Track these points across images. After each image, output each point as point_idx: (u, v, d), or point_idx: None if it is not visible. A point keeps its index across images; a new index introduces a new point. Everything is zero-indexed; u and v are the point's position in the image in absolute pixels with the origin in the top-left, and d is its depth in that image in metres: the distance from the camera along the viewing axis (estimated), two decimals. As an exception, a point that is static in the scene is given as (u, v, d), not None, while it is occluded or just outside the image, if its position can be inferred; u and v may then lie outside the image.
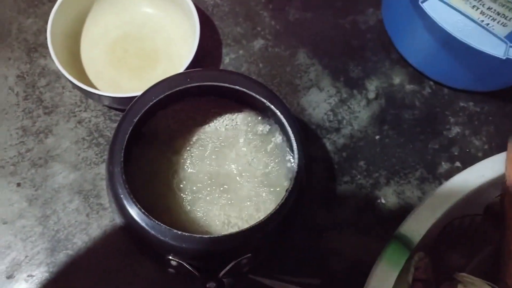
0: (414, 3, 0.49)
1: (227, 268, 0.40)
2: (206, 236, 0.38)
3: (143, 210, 0.38)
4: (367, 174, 0.53)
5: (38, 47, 0.57)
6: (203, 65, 0.57)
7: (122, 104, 0.53)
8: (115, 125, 0.54)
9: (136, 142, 0.44)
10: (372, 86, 0.57)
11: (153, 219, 0.37)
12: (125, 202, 0.39)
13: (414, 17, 0.52)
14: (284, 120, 0.42)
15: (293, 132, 0.41)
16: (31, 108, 0.54)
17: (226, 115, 0.47)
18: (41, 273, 0.48)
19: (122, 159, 0.39)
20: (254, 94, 0.42)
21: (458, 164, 0.54)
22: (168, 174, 0.45)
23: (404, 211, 0.52)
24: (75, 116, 0.54)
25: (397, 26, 0.57)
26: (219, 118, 0.47)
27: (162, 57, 0.57)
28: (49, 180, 0.51)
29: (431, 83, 0.58)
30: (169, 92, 0.42)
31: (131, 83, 0.55)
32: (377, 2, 0.61)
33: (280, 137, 0.46)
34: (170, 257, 0.39)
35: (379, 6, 0.61)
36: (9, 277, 0.48)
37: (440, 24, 0.46)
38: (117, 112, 0.55)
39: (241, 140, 0.46)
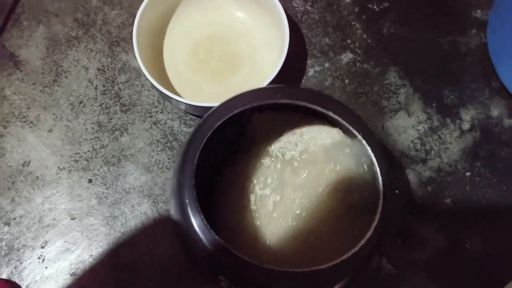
0: None
1: None
2: (271, 268, 0.35)
3: (205, 223, 0.36)
4: (452, 213, 0.49)
5: (120, 41, 0.55)
6: (287, 75, 0.54)
7: (198, 111, 0.51)
8: (189, 129, 0.52)
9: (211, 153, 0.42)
10: (468, 116, 0.52)
11: (215, 235, 0.35)
12: (189, 211, 0.37)
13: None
14: (368, 149, 0.39)
15: (377, 160, 0.38)
16: (109, 104, 0.53)
17: (307, 133, 0.44)
18: (103, 274, 0.48)
19: (194, 167, 0.37)
20: (339, 119, 0.40)
21: (556, 214, 0.49)
22: (241, 191, 0.43)
23: (491, 260, 0.47)
24: (151, 116, 0.53)
25: (503, 52, 0.52)
26: (302, 137, 0.45)
27: (245, 63, 0.54)
28: (120, 179, 0.51)
29: (535, 119, 0.52)
30: (254, 105, 0.40)
31: (211, 87, 0.53)
32: (483, 22, 0.56)
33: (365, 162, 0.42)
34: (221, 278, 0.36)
35: (485, 27, 0.55)
36: (72, 274, 0.48)
37: None
38: (193, 117, 0.53)
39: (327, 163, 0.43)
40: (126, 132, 0.52)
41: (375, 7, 0.57)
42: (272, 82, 0.48)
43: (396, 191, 0.39)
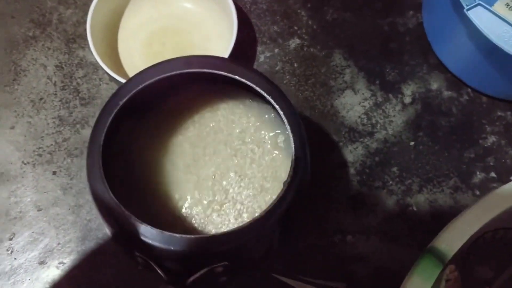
0: (458, 10, 0.48)
1: (197, 275, 0.36)
2: (177, 235, 0.34)
3: (109, 191, 0.36)
4: (399, 180, 0.53)
5: (76, 38, 0.57)
6: (240, 62, 0.57)
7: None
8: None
9: (126, 118, 0.43)
10: (409, 91, 0.56)
11: (121, 206, 0.35)
12: (97, 179, 0.37)
13: (457, 24, 0.51)
14: (280, 112, 0.39)
15: (289, 123, 0.38)
16: (68, 98, 0.55)
17: (228, 103, 0.46)
18: (72, 261, 0.50)
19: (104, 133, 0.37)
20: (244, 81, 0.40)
21: (493, 174, 0.53)
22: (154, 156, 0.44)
23: (435, 220, 0.51)
24: (111, 108, 0.55)
25: (438, 31, 0.56)
26: (222, 107, 0.46)
27: (198, 52, 0.57)
28: (84, 170, 0.52)
29: (469, 90, 0.56)
30: (163, 76, 0.39)
31: (167, 77, 0.56)
32: (418, 4, 0.60)
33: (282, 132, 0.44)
34: (137, 254, 0.36)
35: (420, 9, 0.59)
36: (41, 263, 0.50)
37: (485, 34, 0.44)
38: (152, 106, 0.55)
39: (239, 130, 0.45)
40: (87, 124, 0.54)
41: (318, -5, 0.60)
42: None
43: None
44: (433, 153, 0.54)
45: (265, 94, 0.39)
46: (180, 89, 0.46)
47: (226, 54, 0.51)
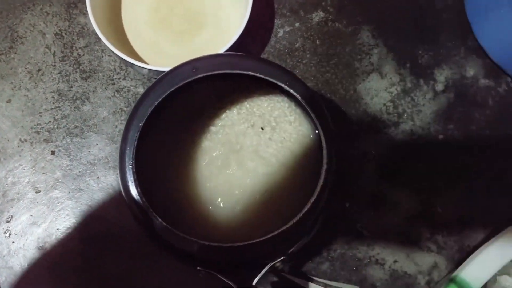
0: None
1: (260, 274, 0.37)
2: (235, 245, 0.35)
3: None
4: (425, 177, 0.48)
5: (78, 3, 0.52)
6: (254, 36, 0.51)
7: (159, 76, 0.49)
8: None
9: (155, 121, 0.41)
10: (442, 77, 0.51)
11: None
12: (128, 182, 0.37)
13: (504, 2, 0.45)
14: (313, 116, 0.38)
15: (319, 122, 0.37)
16: (68, 71, 0.50)
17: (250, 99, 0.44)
18: (71, 247, 0.47)
19: (137, 137, 0.36)
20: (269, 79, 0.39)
21: (528, 175, 0.49)
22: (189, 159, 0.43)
23: (461, 223, 0.47)
24: (114, 84, 0.50)
25: (480, 9, 0.50)
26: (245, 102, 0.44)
27: (209, 21, 0.51)
28: (84, 151, 0.49)
29: (509, 79, 0.51)
30: (193, 78, 0.38)
31: (173, 48, 0.51)
32: (460, -24, 0.53)
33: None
34: (199, 268, 0.36)
35: (462, -19, 0.53)
36: (40, 248, 0.47)
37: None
38: (158, 83, 0.51)
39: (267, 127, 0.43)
40: (88, 100, 0.50)
41: (348, -40, 0.53)
42: (236, 43, 0.46)
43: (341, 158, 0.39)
44: (464, 149, 0.49)
45: (295, 94, 0.38)
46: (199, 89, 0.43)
47: (240, 27, 0.46)
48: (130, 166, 0.36)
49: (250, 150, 0.44)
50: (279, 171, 0.43)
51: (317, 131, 0.39)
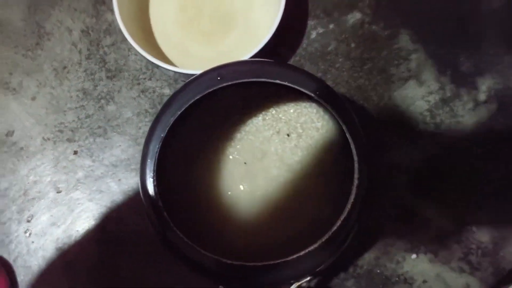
0: None
1: None
2: (259, 264, 0.34)
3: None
4: (460, 194, 0.45)
5: (106, -1, 0.51)
6: (285, 38, 0.49)
7: (186, 78, 0.47)
8: (180, 98, 0.49)
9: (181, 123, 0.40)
10: (484, 86, 0.47)
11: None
12: (147, 186, 0.36)
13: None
14: (344, 128, 0.36)
15: (351, 136, 0.35)
16: (94, 69, 0.49)
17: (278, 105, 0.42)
18: (90, 250, 0.46)
19: (159, 144, 0.35)
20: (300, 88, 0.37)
21: None
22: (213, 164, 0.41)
23: (497, 245, 0.44)
24: (139, 84, 0.49)
25: (530, 14, 0.46)
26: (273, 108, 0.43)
27: (238, 23, 0.49)
28: (107, 152, 0.48)
29: (559, 91, 0.47)
30: (218, 86, 0.37)
31: (201, 49, 0.49)
32: (509, -22, 0.49)
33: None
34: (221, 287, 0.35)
35: (511, -16, 0.49)
36: (59, 249, 0.47)
37: None
38: (184, 84, 0.49)
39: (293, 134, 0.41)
40: (113, 100, 0.49)
41: (387, -41, 0.50)
42: (266, 46, 0.44)
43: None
44: (505, 166, 0.46)
45: (325, 104, 0.36)
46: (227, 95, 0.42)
47: (271, 30, 0.44)
48: (152, 179, 0.35)
49: (274, 158, 0.42)
50: (304, 180, 0.42)
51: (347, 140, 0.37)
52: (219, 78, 0.37)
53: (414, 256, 0.45)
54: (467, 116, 0.47)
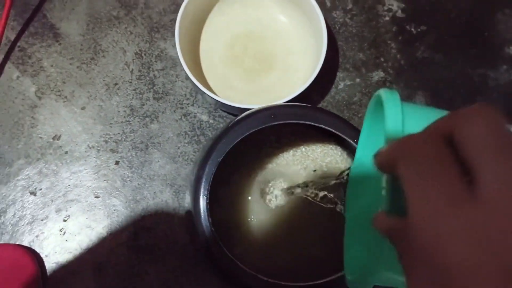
0: None
1: None
2: (298, 284, 0.40)
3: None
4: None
5: (160, 28, 0.56)
6: (318, 84, 0.55)
7: (228, 109, 0.53)
8: (217, 125, 0.54)
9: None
10: (485, 151, 0.54)
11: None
12: (201, 209, 0.41)
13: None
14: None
15: None
16: (143, 89, 0.54)
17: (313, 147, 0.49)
18: (120, 254, 0.50)
19: (214, 171, 0.41)
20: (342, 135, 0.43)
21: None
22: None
23: None
24: (182, 108, 0.54)
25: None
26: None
27: (278, 65, 0.55)
28: (146, 165, 0.52)
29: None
30: (271, 124, 0.43)
31: (243, 84, 0.55)
32: (514, 60, 0.57)
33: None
34: None
35: (515, 65, 0.57)
36: (89, 250, 0.50)
37: None
38: (222, 114, 0.54)
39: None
40: (157, 120, 0.54)
41: (412, 29, 0.58)
42: (304, 91, 0.49)
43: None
44: None
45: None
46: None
47: (312, 75, 0.49)
48: (205, 197, 0.39)
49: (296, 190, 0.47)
50: (321, 213, 0.47)
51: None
52: (272, 117, 0.42)
53: None
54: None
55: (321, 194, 0.40)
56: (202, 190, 0.40)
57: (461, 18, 0.58)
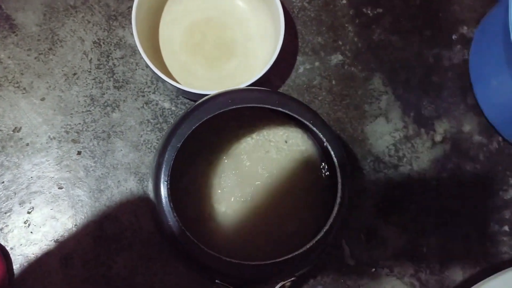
0: (509, 53, 0.47)
1: None
2: (252, 263, 0.40)
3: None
4: (415, 218, 0.54)
5: (118, 16, 0.56)
6: (277, 69, 0.56)
7: (190, 96, 0.53)
8: (179, 112, 0.54)
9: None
10: (441, 129, 0.56)
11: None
12: (162, 194, 0.41)
13: (504, 70, 0.50)
14: (331, 150, 0.43)
15: (337, 157, 0.43)
16: (102, 78, 0.54)
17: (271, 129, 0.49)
18: (86, 244, 0.51)
19: (173, 157, 0.41)
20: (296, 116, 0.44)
21: (506, 228, 0.54)
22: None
23: (442, 265, 0.52)
24: (144, 96, 0.54)
25: (482, 72, 0.55)
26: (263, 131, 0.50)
27: (238, 51, 0.56)
28: (109, 155, 0.53)
29: (500, 139, 0.56)
30: (228, 108, 0.43)
31: (204, 71, 0.55)
32: (467, 40, 0.58)
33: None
34: (218, 281, 0.40)
35: (468, 44, 0.58)
36: (56, 241, 0.50)
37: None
38: (184, 101, 0.55)
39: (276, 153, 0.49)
40: (118, 108, 0.54)
41: (369, 12, 0.59)
42: (264, 75, 0.50)
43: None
44: (454, 197, 0.54)
45: (320, 135, 0.42)
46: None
47: (271, 60, 0.50)
48: (166, 183, 0.40)
49: (262, 172, 0.48)
50: (289, 193, 0.48)
51: (327, 163, 0.45)
52: (230, 101, 0.43)
53: (373, 269, 0.52)
54: (425, 153, 0.55)
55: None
56: (162, 176, 0.41)
57: (416, 0, 0.59)
